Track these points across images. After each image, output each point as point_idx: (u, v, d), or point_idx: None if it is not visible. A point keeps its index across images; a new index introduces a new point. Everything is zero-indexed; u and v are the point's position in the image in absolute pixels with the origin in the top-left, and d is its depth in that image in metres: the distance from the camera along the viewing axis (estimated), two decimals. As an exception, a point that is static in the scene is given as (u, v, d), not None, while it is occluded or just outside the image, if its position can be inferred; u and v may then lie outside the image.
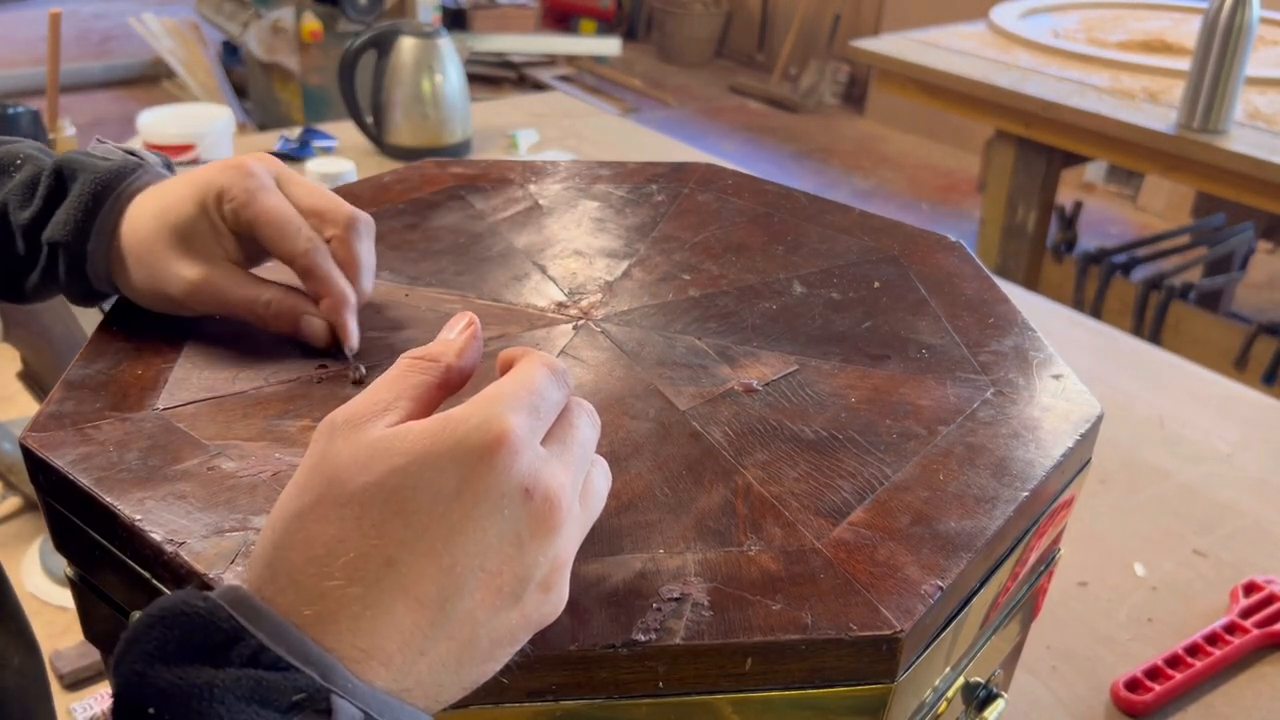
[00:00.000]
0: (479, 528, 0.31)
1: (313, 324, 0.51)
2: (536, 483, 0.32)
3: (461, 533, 0.31)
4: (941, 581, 0.39)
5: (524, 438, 0.32)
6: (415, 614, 0.30)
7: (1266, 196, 1.66)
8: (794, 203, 0.73)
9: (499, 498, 0.31)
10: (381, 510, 0.31)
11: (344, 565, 0.30)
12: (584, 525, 0.36)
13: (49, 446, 0.45)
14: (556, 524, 0.33)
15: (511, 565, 0.32)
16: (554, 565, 0.33)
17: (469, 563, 0.31)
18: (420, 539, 0.30)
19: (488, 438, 0.31)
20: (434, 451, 0.31)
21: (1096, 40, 2.20)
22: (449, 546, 0.31)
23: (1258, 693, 0.69)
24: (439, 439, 0.31)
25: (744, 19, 5.20)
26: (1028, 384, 0.53)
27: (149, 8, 4.63)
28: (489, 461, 0.31)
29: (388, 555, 0.30)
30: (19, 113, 1.18)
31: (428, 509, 0.31)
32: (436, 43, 1.50)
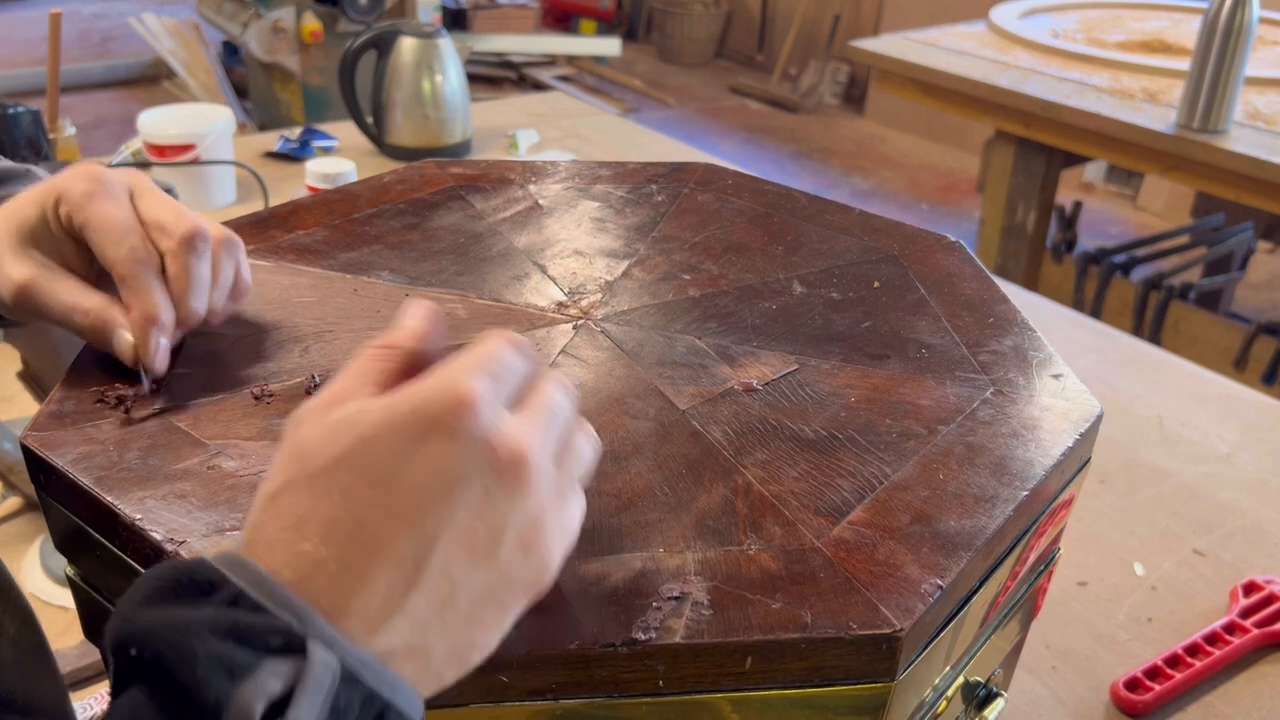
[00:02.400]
0: (444, 484, 0.31)
1: (123, 339, 0.48)
2: (500, 439, 0.32)
3: (427, 491, 0.31)
4: (941, 580, 0.39)
5: (483, 397, 0.33)
6: (390, 572, 0.31)
7: (1266, 196, 1.66)
8: (794, 203, 0.73)
9: (462, 454, 0.32)
10: (348, 477, 0.31)
11: (315, 530, 0.31)
12: (564, 487, 0.35)
13: (49, 446, 0.45)
14: (524, 479, 0.33)
15: (483, 520, 0.32)
16: (529, 522, 0.33)
17: (438, 519, 0.31)
18: (388, 500, 0.31)
19: (446, 398, 0.32)
20: (394, 417, 0.32)
21: (1096, 40, 2.20)
22: (417, 505, 0.31)
23: (1257, 692, 0.69)
24: (398, 406, 0.32)
25: (744, 19, 5.20)
26: (1027, 383, 0.53)
27: (149, 8, 4.64)
28: (448, 421, 0.32)
29: (357, 517, 0.31)
30: (19, 113, 1.18)
31: (393, 472, 0.31)
32: (437, 43, 1.50)
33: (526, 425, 0.34)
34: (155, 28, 3.90)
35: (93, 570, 0.47)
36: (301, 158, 1.50)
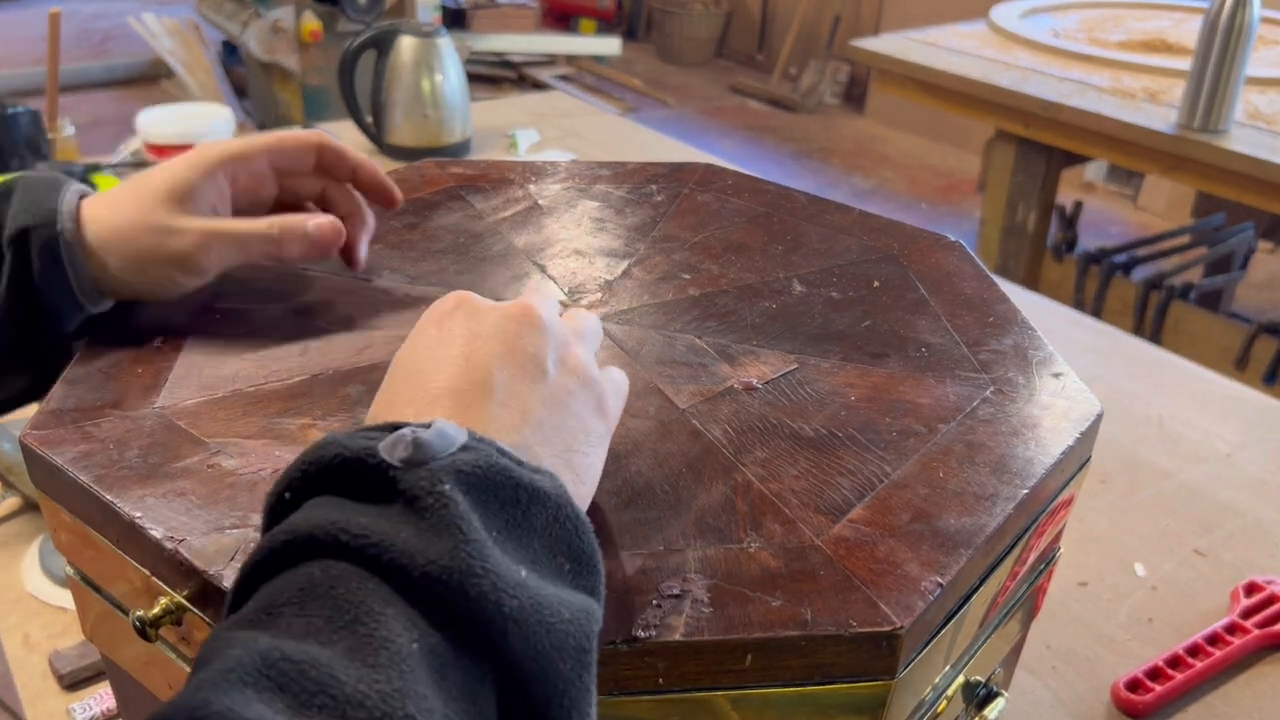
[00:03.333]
0: (470, 328, 0.39)
1: (322, 224, 0.55)
2: (496, 303, 0.41)
3: (458, 334, 0.39)
4: (941, 578, 0.39)
5: (467, 294, 0.41)
6: (467, 397, 0.37)
7: (1266, 196, 1.66)
8: (793, 202, 0.73)
9: (476, 314, 0.40)
10: (401, 365, 0.39)
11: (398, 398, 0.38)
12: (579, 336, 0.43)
13: (49, 444, 0.45)
14: (536, 314, 0.40)
15: (520, 347, 0.39)
16: (560, 347, 0.40)
17: (482, 354, 0.38)
18: (438, 361, 0.38)
19: (447, 298, 0.41)
20: (415, 331, 0.41)
21: (1097, 40, 2.20)
22: (461, 352, 0.38)
23: (1258, 693, 0.69)
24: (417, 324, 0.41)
25: (744, 19, 5.20)
26: (1027, 382, 0.53)
27: (149, 8, 4.63)
28: (450, 303, 0.41)
29: (421, 382, 0.38)
30: (19, 113, 1.18)
31: (430, 344, 0.39)
32: (436, 42, 1.50)
33: (520, 298, 0.41)
34: (154, 27, 3.90)
35: (93, 569, 0.47)
36: (301, 157, 1.50)
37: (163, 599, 0.41)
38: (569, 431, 0.38)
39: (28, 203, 0.50)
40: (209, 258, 0.52)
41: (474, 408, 0.36)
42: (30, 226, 0.50)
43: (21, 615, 0.74)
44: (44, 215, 0.50)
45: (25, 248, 0.50)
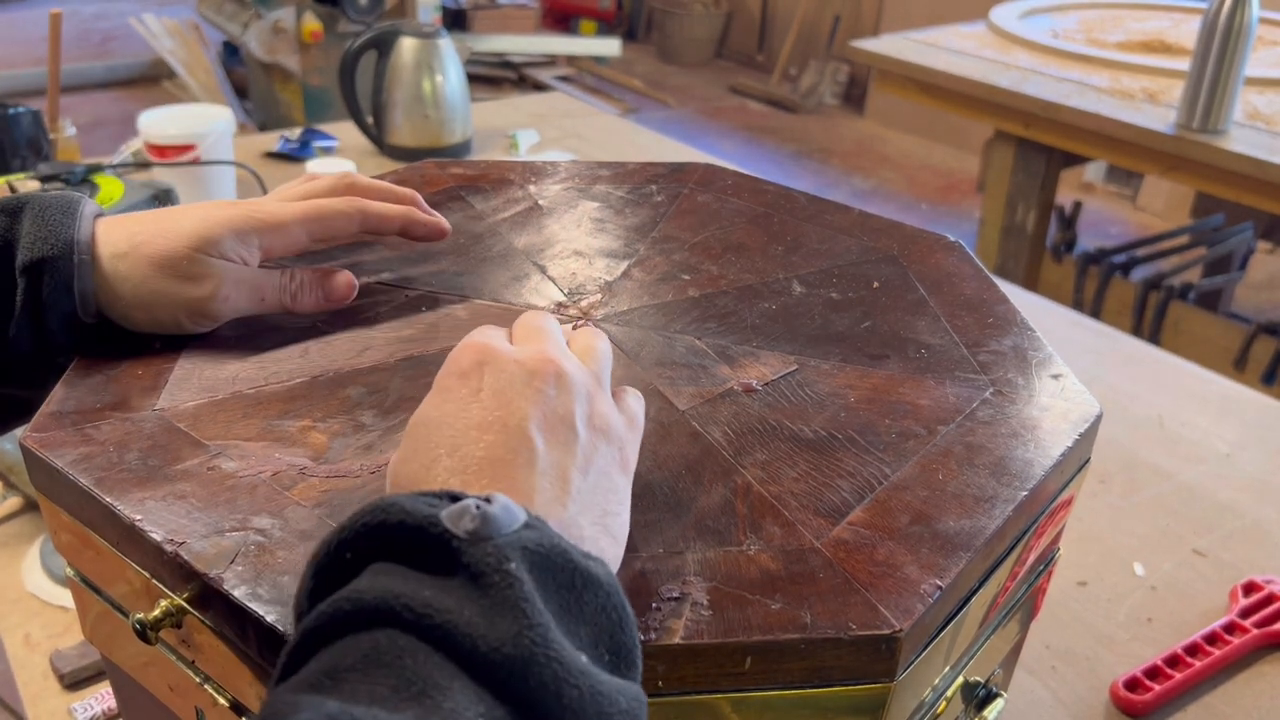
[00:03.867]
0: (499, 388, 0.38)
1: (337, 282, 0.56)
2: (519, 355, 0.40)
3: (489, 395, 0.38)
4: (940, 581, 0.39)
5: (491, 341, 0.40)
6: (512, 467, 0.36)
7: (1266, 196, 1.66)
8: (793, 203, 0.73)
9: (499, 372, 0.39)
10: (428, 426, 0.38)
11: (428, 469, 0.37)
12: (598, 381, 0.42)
13: (49, 446, 0.45)
14: (564, 373, 0.39)
15: (550, 406, 0.38)
16: (588, 404, 0.40)
17: (517, 417, 0.37)
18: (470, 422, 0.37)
19: (467, 349, 0.40)
20: (438, 381, 0.40)
21: (1096, 40, 2.20)
22: (493, 415, 0.37)
23: (1257, 692, 0.69)
24: (437, 380, 0.40)
25: (744, 19, 5.20)
26: (1027, 384, 0.53)
27: (150, 8, 4.63)
28: (474, 357, 0.40)
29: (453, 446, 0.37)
30: (19, 113, 1.18)
31: (458, 410, 0.38)
32: (437, 43, 1.50)
33: (534, 344, 0.41)
34: (155, 28, 3.90)
35: (93, 571, 0.47)
36: (302, 158, 1.50)
37: (163, 601, 0.42)
38: (602, 494, 0.38)
39: (43, 230, 0.49)
40: (224, 307, 0.52)
41: (518, 479, 0.36)
42: (47, 258, 0.49)
43: (22, 615, 0.74)
44: (61, 247, 0.49)
45: (39, 278, 0.49)
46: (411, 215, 0.58)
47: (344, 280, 0.55)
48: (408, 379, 0.51)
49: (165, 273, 0.50)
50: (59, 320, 0.50)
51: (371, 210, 0.56)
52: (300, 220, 0.54)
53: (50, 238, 0.49)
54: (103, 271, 0.50)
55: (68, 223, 0.50)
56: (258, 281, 0.53)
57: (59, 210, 0.50)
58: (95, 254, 0.50)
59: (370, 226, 0.56)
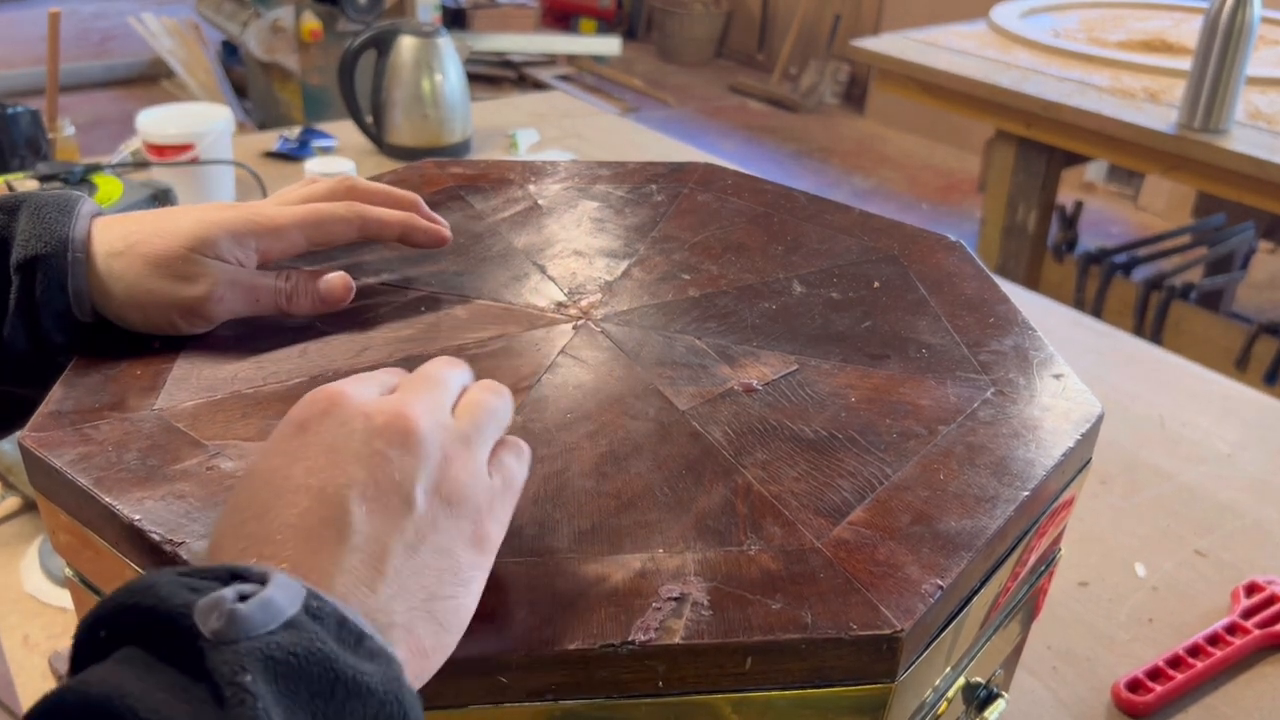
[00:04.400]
0: (328, 444, 0.35)
1: (333, 283, 0.55)
2: (371, 406, 0.36)
3: (315, 451, 0.34)
4: (942, 581, 0.39)
5: (351, 388, 0.37)
6: (316, 540, 0.33)
7: (1267, 196, 1.66)
8: (794, 203, 0.73)
9: (341, 425, 0.35)
10: (252, 480, 0.35)
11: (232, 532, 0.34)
12: (465, 441, 0.37)
13: (48, 446, 0.45)
14: (413, 431, 0.35)
15: (384, 471, 0.34)
16: (437, 472, 0.35)
17: (336, 482, 0.34)
18: (285, 484, 0.34)
19: (318, 396, 0.37)
20: (277, 430, 0.36)
21: (1097, 40, 2.20)
22: (312, 476, 0.34)
23: (1259, 693, 0.69)
24: (279, 426, 0.37)
25: (744, 19, 5.20)
26: (1028, 383, 0.53)
27: (148, 7, 4.63)
28: (320, 405, 0.36)
29: (261, 510, 0.34)
30: (18, 113, 1.18)
31: (280, 465, 0.35)
32: (436, 42, 1.50)
33: (403, 394, 0.37)
34: (154, 27, 3.90)
35: (92, 571, 0.47)
36: (301, 157, 1.50)
37: (162, 601, 0.41)
38: (433, 574, 0.34)
39: (38, 228, 0.49)
40: (218, 308, 0.51)
41: (324, 553, 0.32)
42: (40, 255, 0.49)
43: (21, 616, 0.74)
44: (55, 244, 0.49)
45: (33, 275, 0.49)
46: (411, 222, 0.57)
47: (340, 283, 0.55)
48: (407, 379, 0.51)
49: (160, 272, 0.50)
50: (53, 318, 0.50)
51: (371, 216, 0.56)
52: (298, 224, 0.54)
53: (44, 235, 0.49)
54: (97, 270, 0.50)
55: (63, 220, 0.50)
56: (252, 283, 0.52)
57: (55, 208, 0.50)
58: (90, 252, 0.50)
59: (369, 232, 0.56)
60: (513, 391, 0.49)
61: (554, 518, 0.42)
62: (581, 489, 0.44)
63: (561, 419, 0.48)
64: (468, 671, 0.36)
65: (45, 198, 0.51)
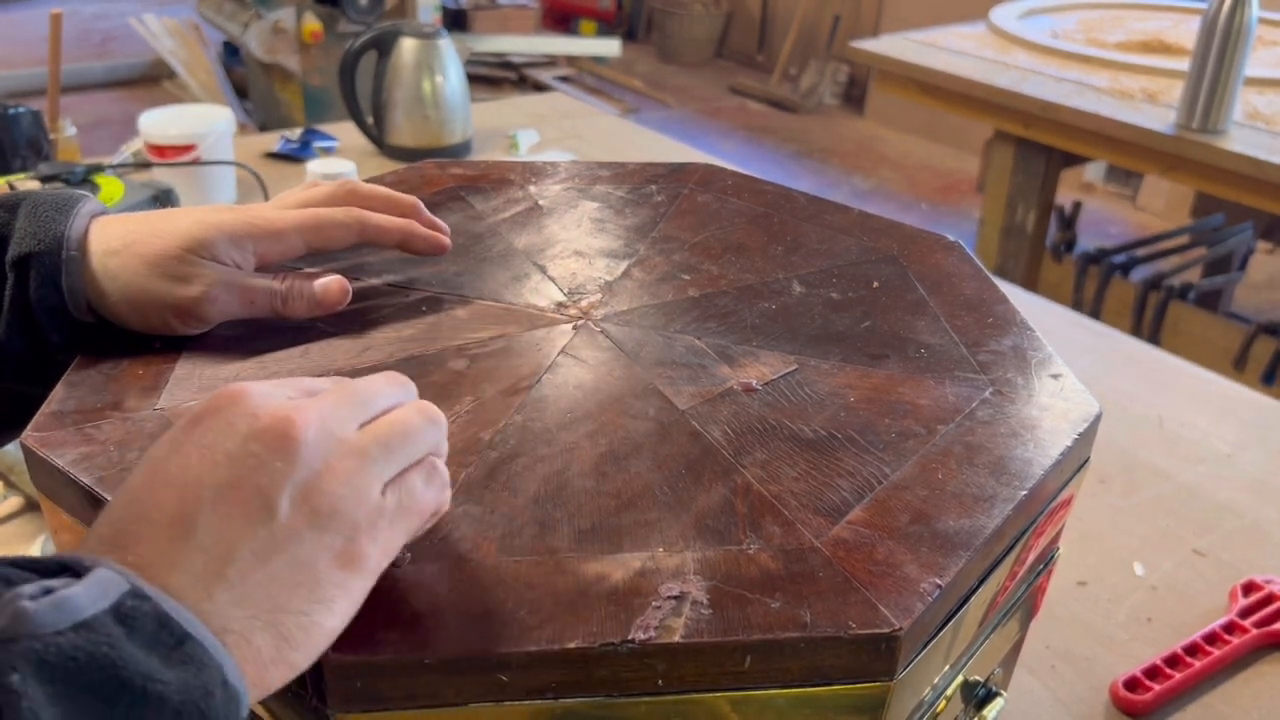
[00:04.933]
0: (206, 449, 0.34)
1: (329, 286, 0.54)
2: (264, 407, 0.35)
3: (193, 458, 0.34)
4: (940, 580, 0.40)
5: (259, 388, 0.36)
6: (161, 532, 0.32)
7: (1265, 196, 1.66)
8: (793, 203, 0.73)
9: (224, 424, 0.35)
10: (137, 469, 0.35)
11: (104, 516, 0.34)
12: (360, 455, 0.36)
13: (50, 446, 0.45)
14: (293, 437, 0.34)
15: (250, 475, 0.33)
16: (309, 482, 0.34)
17: (198, 474, 0.33)
18: (153, 476, 0.34)
19: (221, 392, 0.36)
20: (178, 421, 0.36)
21: (1095, 41, 2.20)
22: (179, 471, 0.34)
23: (1257, 692, 0.69)
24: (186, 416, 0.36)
25: (744, 19, 5.20)
26: (1026, 383, 0.53)
27: (150, 8, 4.63)
28: (218, 402, 0.36)
29: (130, 498, 0.34)
30: (20, 113, 1.18)
31: (163, 455, 0.35)
32: (437, 43, 1.50)
33: (307, 401, 0.36)
34: (155, 28, 3.91)
35: (93, 570, 0.47)
36: (302, 158, 1.50)
37: (164, 600, 0.42)
38: (286, 588, 0.33)
39: (34, 225, 0.49)
40: (212, 309, 0.51)
41: (168, 550, 0.32)
42: (34, 252, 0.49)
43: (22, 616, 0.74)
44: (49, 242, 0.49)
45: (27, 272, 0.49)
46: (410, 229, 0.57)
47: (336, 286, 0.55)
48: (408, 379, 0.51)
49: (155, 272, 0.50)
50: (48, 316, 0.50)
51: (370, 222, 0.56)
52: (297, 228, 0.54)
53: (40, 233, 0.49)
54: (92, 268, 0.50)
55: (60, 219, 0.50)
56: (248, 285, 0.52)
57: (53, 207, 0.50)
58: (87, 251, 0.50)
59: (369, 237, 0.56)
60: (513, 391, 0.50)
61: (554, 517, 0.42)
62: (581, 488, 0.44)
63: (562, 419, 0.48)
64: (468, 669, 0.36)
65: (45, 196, 0.51)
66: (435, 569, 0.39)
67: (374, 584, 0.36)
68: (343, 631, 0.35)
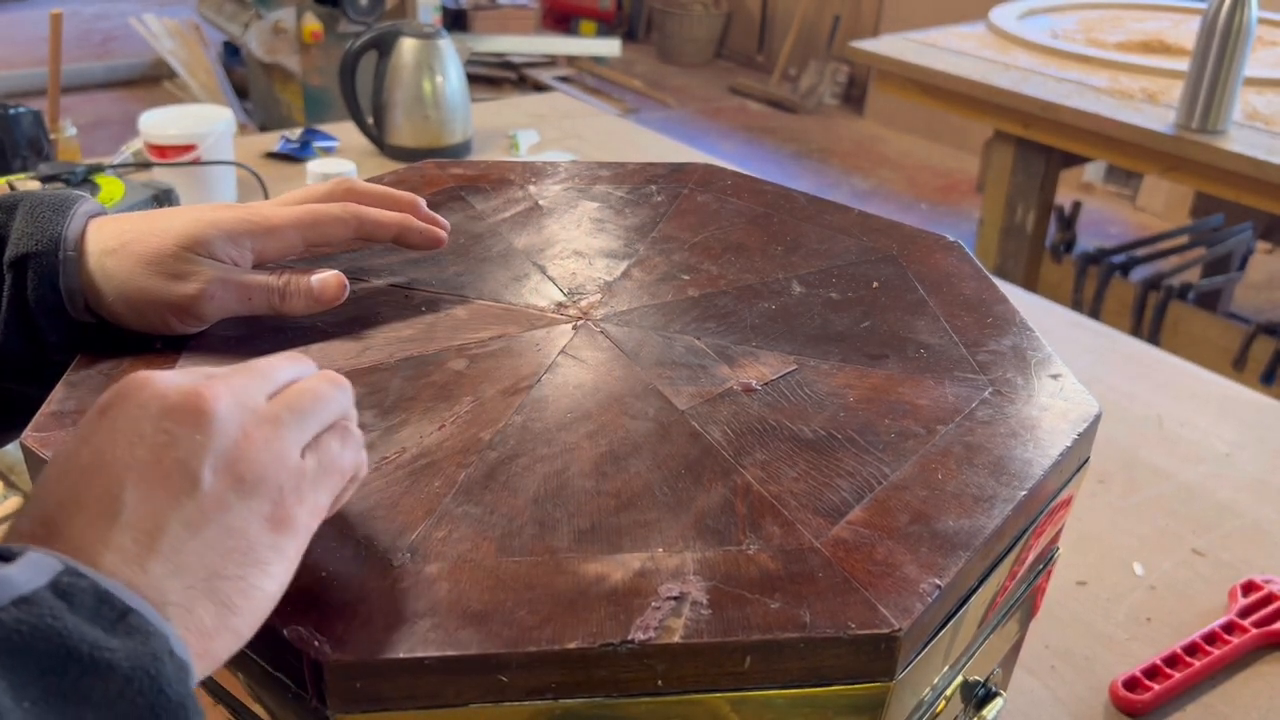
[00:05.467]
0: (119, 432, 0.34)
1: (327, 281, 0.54)
2: (171, 387, 0.35)
3: (106, 441, 0.34)
4: (940, 580, 0.40)
5: (161, 374, 0.36)
6: (85, 516, 0.32)
7: (1265, 197, 1.66)
8: (793, 203, 0.74)
9: (134, 407, 0.34)
10: (49, 467, 0.35)
11: (25, 507, 0.34)
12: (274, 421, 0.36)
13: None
14: (204, 411, 0.34)
15: (168, 453, 0.33)
16: (229, 452, 0.34)
17: (116, 456, 0.33)
18: (71, 463, 0.34)
19: (125, 380, 0.36)
20: (93, 406, 0.36)
21: (1095, 41, 2.20)
22: (97, 454, 0.34)
23: (1256, 692, 0.69)
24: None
25: (744, 20, 5.20)
26: (1026, 383, 0.53)
27: (150, 8, 4.64)
28: (124, 389, 0.35)
29: (48, 488, 0.34)
30: (20, 113, 1.18)
31: (77, 443, 0.34)
32: (437, 43, 1.50)
33: (210, 379, 0.36)
34: (156, 28, 3.91)
35: (93, 570, 0.47)
36: (302, 158, 1.50)
37: (164, 600, 0.42)
38: (220, 554, 0.33)
39: (32, 226, 0.49)
40: (209, 306, 0.51)
41: (92, 530, 0.32)
42: (31, 253, 0.49)
43: (22, 616, 0.74)
44: (46, 242, 0.49)
45: (24, 273, 0.49)
46: (406, 223, 0.57)
47: (334, 281, 0.54)
48: (407, 379, 0.51)
49: (153, 270, 0.50)
50: (46, 316, 0.50)
51: (367, 216, 0.56)
52: (294, 224, 0.54)
53: (37, 234, 0.49)
54: (89, 268, 0.50)
55: (57, 219, 0.50)
56: (245, 282, 0.52)
57: (50, 207, 0.50)
58: (84, 250, 0.50)
59: (365, 233, 0.56)
60: (513, 391, 0.50)
61: (554, 517, 0.42)
62: (581, 488, 0.44)
63: (561, 419, 0.48)
64: (467, 670, 0.36)
65: (43, 197, 0.51)
66: (435, 569, 0.39)
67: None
68: (341, 632, 0.35)
